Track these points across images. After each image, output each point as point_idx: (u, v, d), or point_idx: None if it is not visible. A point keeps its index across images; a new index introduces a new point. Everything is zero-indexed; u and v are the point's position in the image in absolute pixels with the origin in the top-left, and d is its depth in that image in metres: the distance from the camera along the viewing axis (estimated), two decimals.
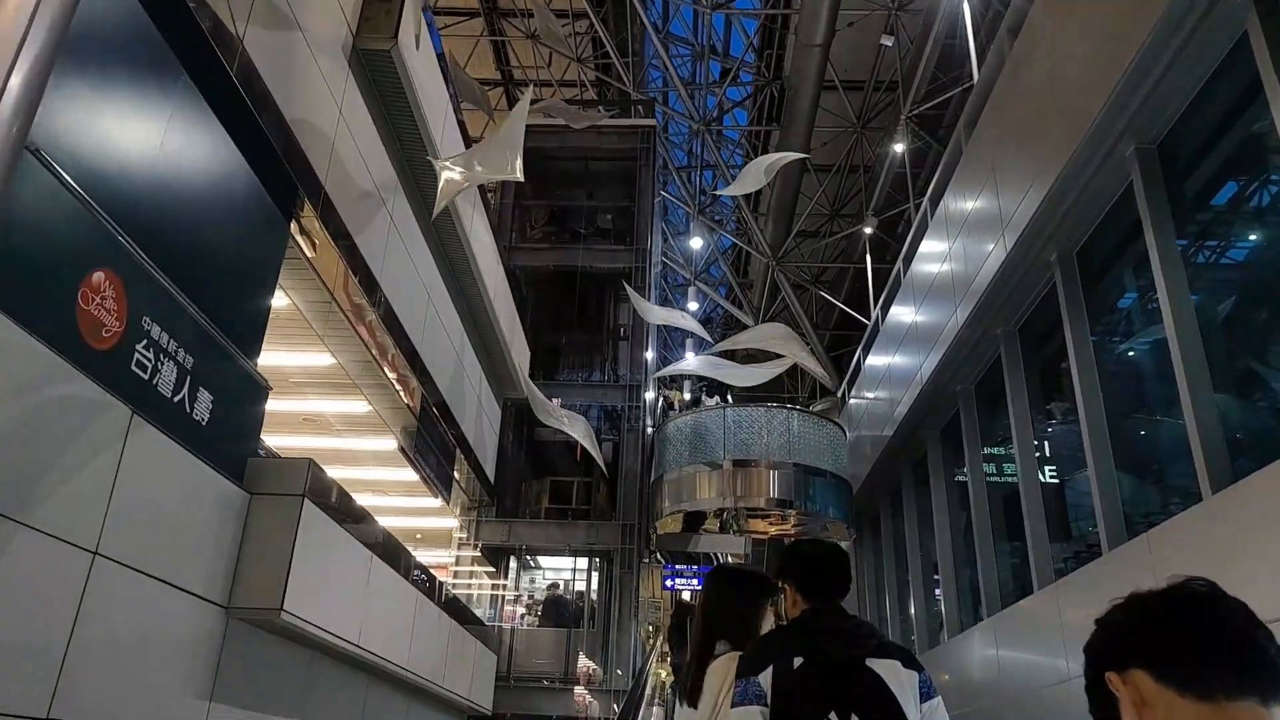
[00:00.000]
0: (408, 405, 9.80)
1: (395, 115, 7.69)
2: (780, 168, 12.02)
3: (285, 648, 5.69)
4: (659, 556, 15.97)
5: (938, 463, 11.02)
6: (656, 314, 11.51)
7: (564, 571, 14.99)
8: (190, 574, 4.66)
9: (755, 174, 11.51)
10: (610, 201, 16.50)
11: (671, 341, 30.10)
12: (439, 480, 11.04)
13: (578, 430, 10.97)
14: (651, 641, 19.20)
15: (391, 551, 7.31)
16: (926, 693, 2.20)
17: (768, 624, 2.65)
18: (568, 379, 13.86)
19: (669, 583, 16.12)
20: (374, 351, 8.25)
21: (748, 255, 22.97)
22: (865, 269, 16.12)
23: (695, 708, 2.48)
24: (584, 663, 14.70)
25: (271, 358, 8.43)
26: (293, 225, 6.33)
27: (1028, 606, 7.53)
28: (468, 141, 10.25)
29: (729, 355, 11.09)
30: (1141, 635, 1.04)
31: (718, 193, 17.48)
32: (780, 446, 10.91)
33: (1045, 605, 7.08)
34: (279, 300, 7.22)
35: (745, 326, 23.80)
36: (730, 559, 19.15)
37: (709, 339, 12.95)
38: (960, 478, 10.69)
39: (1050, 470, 8.12)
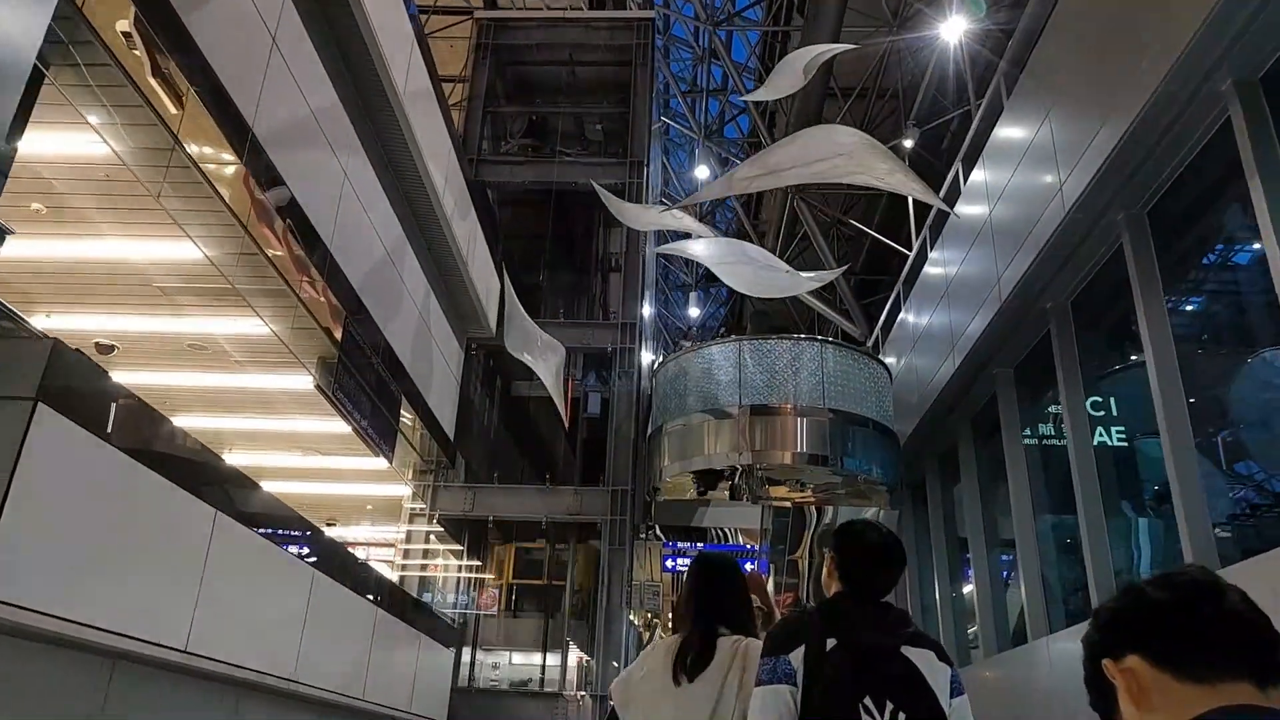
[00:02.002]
0: (324, 329, 7.72)
1: None
2: (805, 80, 9.81)
3: (37, 656, 3.62)
4: (657, 532, 13.95)
5: (1012, 411, 8.97)
6: (643, 217, 9.27)
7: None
8: None
9: (790, 72, 9.29)
10: (600, 109, 14.25)
11: (670, 282, 27.91)
12: (377, 433, 8.97)
13: (546, 366, 8.89)
14: (648, 633, 17.27)
15: (263, 513, 5.24)
16: (956, 689, 2.15)
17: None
18: (548, 319, 11.71)
19: (670, 563, 14.07)
20: (256, 238, 6.14)
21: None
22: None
23: (690, 680, 2.41)
24: (577, 655, 12.83)
25: (109, 246, 6.34)
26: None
27: None
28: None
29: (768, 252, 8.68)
30: (1138, 622, 1.05)
31: (747, 98, 15.22)
32: (812, 389, 8.82)
33: None
34: (96, 147, 5.14)
35: None
36: (742, 537, 17.25)
37: (713, 233, 10.85)
38: (1046, 430, 8.63)
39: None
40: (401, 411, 9.93)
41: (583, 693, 11.19)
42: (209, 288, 6.65)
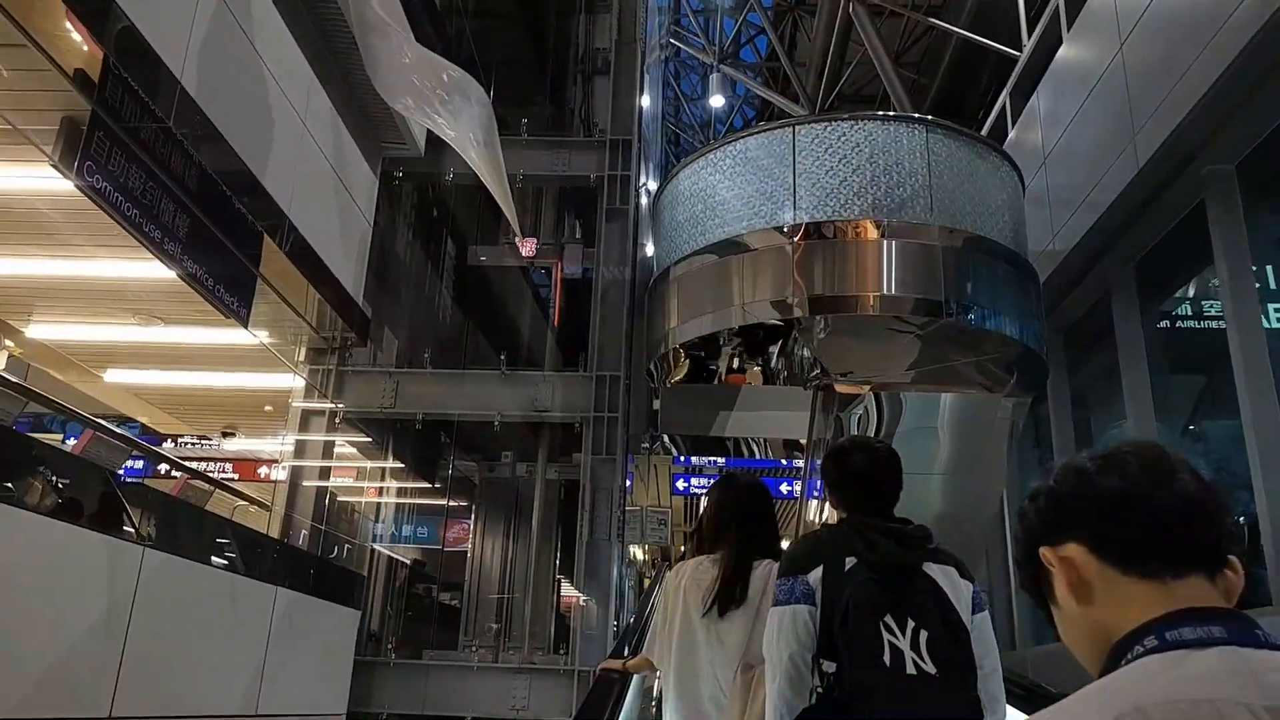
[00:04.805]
0: (70, 71, 4.58)
1: None
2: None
3: None
4: (665, 443, 10.98)
5: (1236, 235, 5.78)
6: None
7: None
8: None
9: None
10: None
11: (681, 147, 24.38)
12: (211, 275, 5.90)
13: (463, 125, 5.76)
14: (650, 576, 14.54)
15: None
16: (977, 604, 2.20)
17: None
18: (507, 135, 8.39)
19: (682, 484, 11.11)
20: None
21: (796, 23, 17.35)
22: None
23: (721, 616, 2.55)
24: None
25: None
26: None
27: None
28: None
29: None
30: (1079, 506, 0.98)
31: None
32: (911, 195, 5.63)
33: None
34: None
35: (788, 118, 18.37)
36: (770, 453, 14.39)
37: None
38: None
39: None
40: (273, 256, 6.86)
41: (560, 660, 8.39)
42: None
